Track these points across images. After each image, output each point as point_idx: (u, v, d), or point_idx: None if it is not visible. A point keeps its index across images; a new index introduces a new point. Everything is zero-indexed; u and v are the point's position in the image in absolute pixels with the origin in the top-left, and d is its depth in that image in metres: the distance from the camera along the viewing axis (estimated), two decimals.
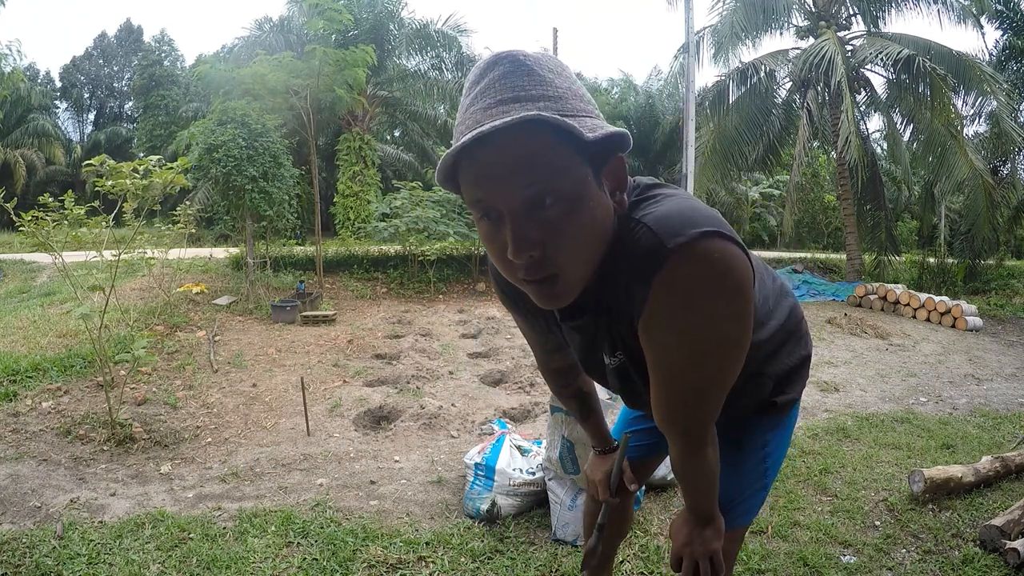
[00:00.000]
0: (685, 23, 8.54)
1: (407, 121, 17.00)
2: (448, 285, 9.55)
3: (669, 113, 18.44)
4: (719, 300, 0.76)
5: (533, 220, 0.73)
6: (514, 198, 0.72)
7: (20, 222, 3.45)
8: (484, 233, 0.78)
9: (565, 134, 0.70)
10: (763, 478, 1.18)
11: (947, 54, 10.06)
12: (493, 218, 0.75)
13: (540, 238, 0.73)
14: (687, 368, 0.84)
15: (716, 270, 0.74)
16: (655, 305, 0.77)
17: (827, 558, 2.19)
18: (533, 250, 0.73)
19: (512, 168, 0.70)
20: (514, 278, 0.79)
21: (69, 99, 32.26)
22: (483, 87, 0.73)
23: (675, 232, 0.74)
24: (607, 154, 0.77)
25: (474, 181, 0.74)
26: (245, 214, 7.20)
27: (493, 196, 0.73)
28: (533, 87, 0.72)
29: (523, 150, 0.70)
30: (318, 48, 8.04)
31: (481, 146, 0.70)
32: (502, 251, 0.75)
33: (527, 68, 0.73)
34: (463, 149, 0.70)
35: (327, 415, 3.78)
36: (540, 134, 0.69)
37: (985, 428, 3.77)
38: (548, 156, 0.70)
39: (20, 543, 2.15)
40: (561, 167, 0.72)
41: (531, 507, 2.48)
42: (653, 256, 0.75)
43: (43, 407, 3.49)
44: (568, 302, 0.80)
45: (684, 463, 0.99)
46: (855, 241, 11.47)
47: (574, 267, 0.76)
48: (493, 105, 0.71)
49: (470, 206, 0.77)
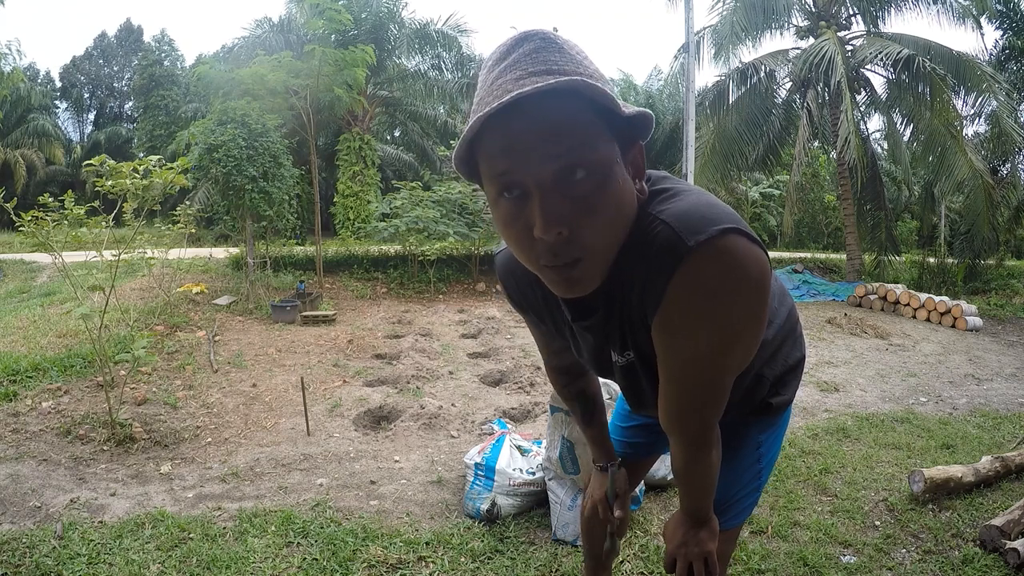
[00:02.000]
0: (685, 23, 8.54)
1: (407, 121, 17.01)
2: (448, 285, 9.55)
3: (669, 113, 18.43)
4: (739, 298, 0.74)
5: (563, 194, 0.69)
6: (544, 169, 0.68)
7: (20, 222, 3.45)
8: (504, 213, 0.73)
9: (601, 108, 0.68)
10: (757, 479, 1.19)
11: (947, 54, 10.06)
12: (516, 195, 0.71)
13: (569, 215, 0.69)
14: (702, 366, 0.82)
15: (737, 268, 0.72)
16: (673, 302, 0.76)
17: (827, 558, 2.19)
18: (562, 226, 0.69)
19: (545, 136, 0.67)
20: (534, 264, 0.75)
21: (69, 99, 32.26)
22: (512, 60, 0.70)
23: (696, 229, 0.72)
24: (633, 138, 0.75)
25: (500, 151, 0.69)
26: (245, 214, 7.20)
27: (520, 168, 0.69)
28: (566, 63, 0.70)
29: (557, 118, 0.67)
30: (317, 48, 8.05)
31: (511, 114, 0.66)
32: (524, 231, 0.71)
33: (558, 45, 0.71)
34: (489, 119, 0.67)
35: (327, 415, 3.78)
36: (576, 104, 0.67)
37: (985, 428, 3.77)
38: (583, 127, 0.68)
39: (20, 543, 2.15)
40: (594, 140, 0.69)
41: (531, 507, 2.48)
42: (672, 253, 0.73)
43: (43, 407, 3.49)
44: (588, 290, 0.77)
45: (687, 464, 0.98)
46: (855, 241, 11.47)
47: (600, 250, 0.73)
48: (524, 76, 0.68)
49: (490, 182, 0.73)
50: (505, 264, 1.03)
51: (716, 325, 0.76)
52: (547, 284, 0.78)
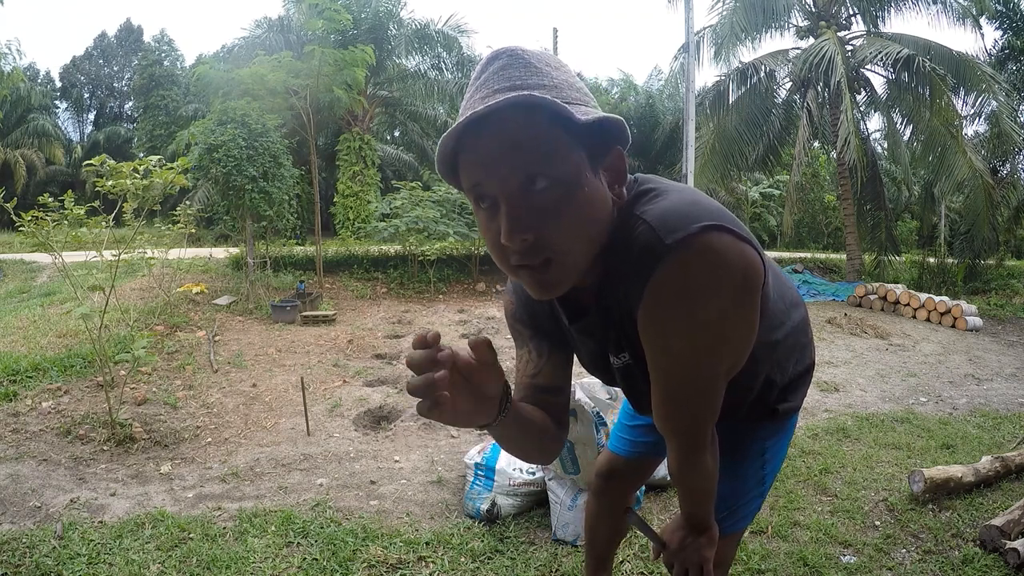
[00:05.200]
0: (685, 23, 8.54)
1: (407, 121, 16.98)
2: (448, 285, 9.54)
3: (669, 113, 18.41)
4: (718, 295, 0.74)
5: (527, 204, 0.72)
6: (507, 181, 0.72)
7: (20, 222, 3.45)
8: (481, 221, 0.78)
9: (558, 117, 0.70)
10: (760, 485, 1.17)
11: (947, 54, 10.06)
12: (488, 205, 0.75)
13: (534, 222, 0.73)
14: (685, 367, 0.81)
15: (715, 265, 0.72)
16: (652, 302, 0.75)
17: (827, 558, 2.19)
18: (526, 234, 0.72)
19: (505, 150, 0.71)
20: (507, 265, 0.78)
21: (69, 99, 32.25)
22: (483, 80, 0.75)
23: (674, 228, 0.72)
24: (605, 146, 0.77)
25: (470, 166, 0.75)
26: (245, 214, 7.20)
27: (488, 180, 0.73)
28: (529, 77, 0.73)
29: (516, 132, 0.71)
30: (317, 48, 8.05)
31: (477, 131, 0.71)
32: (497, 237, 0.75)
33: (524, 61, 0.75)
34: (460, 137, 0.73)
35: (327, 415, 3.78)
36: (533, 117, 0.70)
37: (985, 428, 3.77)
38: (542, 139, 0.71)
39: (20, 543, 2.15)
40: (555, 151, 0.72)
41: (531, 507, 2.48)
42: (651, 252, 0.73)
43: (43, 407, 3.49)
44: (563, 291, 0.79)
45: (681, 468, 0.97)
46: (855, 241, 11.47)
47: (569, 253, 0.75)
48: (489, 95, 0.72)
49: (468, 193, 0.77)
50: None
51: (698, 324, 0.76)
52: (524, 286, 0.80)
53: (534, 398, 1.01)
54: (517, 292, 1.04)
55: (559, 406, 1.02)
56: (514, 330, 1.07)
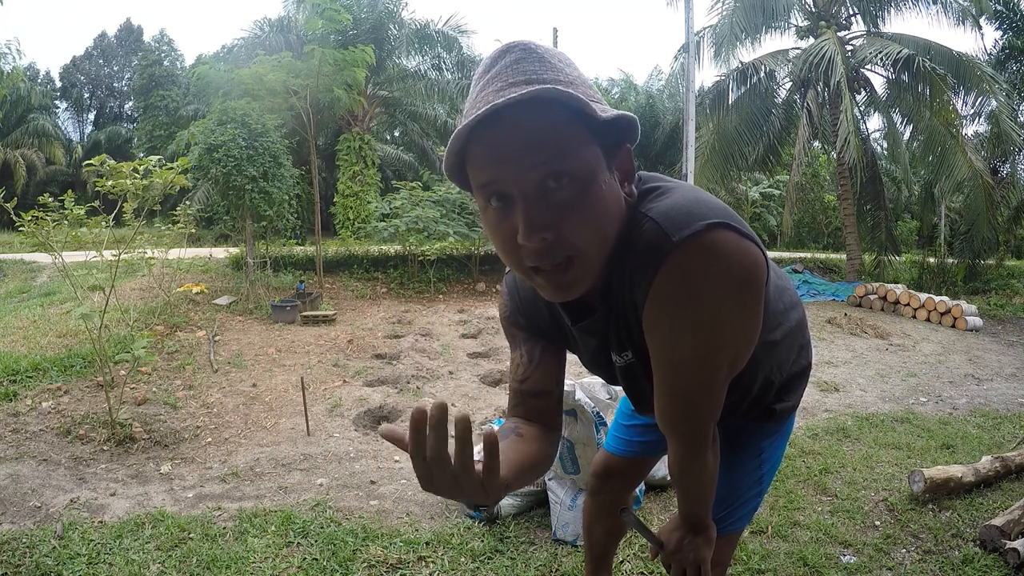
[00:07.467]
0: (685, 23, 8.53)
1: (407, 121, 16.99)
2: (448, 285, 9.54)
3: (669, 113, 18.40)
4: (724, 293, 0.73)
5: (545, 201, 0.70)
6: (526, 177, 0.70)
7: (20, 222, 3.45)
8: (492, 220, 0.75)
9: (579, 113, 0.69)
10: (758, 485, 1.17)
11: (947, 54, 10.06)
12: (502, 202, 0.73)
13: (553, 220, 0.71)
14: (693, 364, 0.81)
15: (721, 262, 0.72)
16: (657, 299, 0.75)
17: (827, 558, 2.19)
18: (546, 232, 0.70)
19: (524, 146, 0.69)
20: (521, 268, 0.76)
21: (69, 99, 32.23)
22: (495, 73, 0.73)
23: (680, 225, 0.72)
24: (618, 143, 0.76)
25: (484, 162, 0.71)
26: (245, 214, 7.20)
27: (504, 177, 0.71)
28: (544, 72, 0.72)
29: (536, 127, 0.69)
30: (317, 48, 8.04)
31: (492, 125, 0.69)
32: (510, 236, 0.72)
33: (538, 55, 0.73)
34: (473, 130, 0.69)
35: (327, 415, 3.78)
36: (553, 112, 0.68)
37: (985, 428, 3.77)
38: (561, 134, 0.69)
39: (20, 543, 2.16)
40: (574, 146, 0.70)
41: (531, 507, 2.48)
42: (657, 250, 0.73)
43: (43, 407, 3.49)
44: (579, 293, 0.77)
45: (682, 467, 0.96)
46: (855, 241, 11.47)
47: (590, 250, 0.74)
48: (505, 88, 0.70)
49: (478, 191, 0.75)
50: (513, 281, 1.03)
51: (704, 321, 0.75)
52: (538, 290, 0.78)
53: (523, 405, 0.99)
54: (513, 294, 1.03)
55: (548, 409, 1.00)
56: (508, 332, 1.06)
